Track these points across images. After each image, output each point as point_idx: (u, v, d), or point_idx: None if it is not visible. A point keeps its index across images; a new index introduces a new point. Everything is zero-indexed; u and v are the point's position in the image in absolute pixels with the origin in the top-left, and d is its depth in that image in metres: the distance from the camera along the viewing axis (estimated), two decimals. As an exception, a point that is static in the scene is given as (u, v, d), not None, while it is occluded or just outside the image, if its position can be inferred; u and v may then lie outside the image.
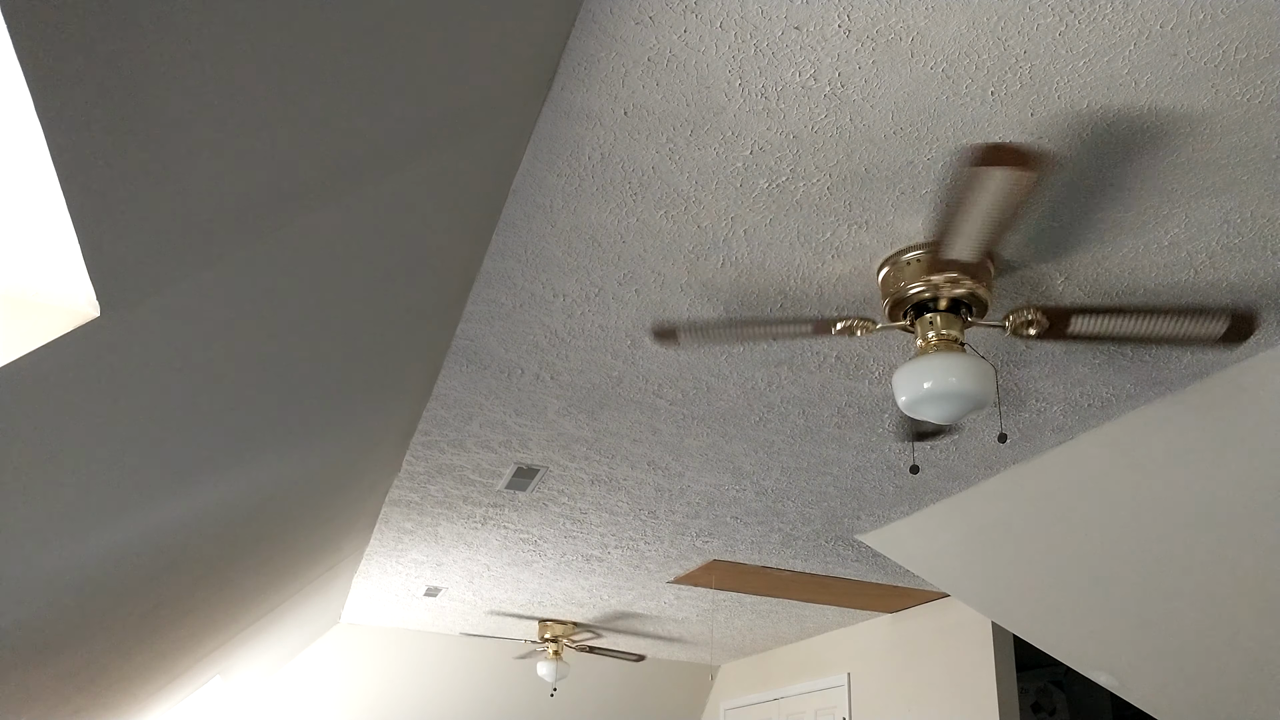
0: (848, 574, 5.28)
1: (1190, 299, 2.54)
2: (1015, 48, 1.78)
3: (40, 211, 1.10)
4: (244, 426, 2.19)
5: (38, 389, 1.31)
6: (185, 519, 2.44)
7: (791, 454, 3.65)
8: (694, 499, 4.21)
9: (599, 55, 1.83)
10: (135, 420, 1.69)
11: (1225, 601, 3.44)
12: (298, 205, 1.50)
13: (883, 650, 6.18)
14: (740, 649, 7.61)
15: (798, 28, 1.75)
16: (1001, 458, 3.61)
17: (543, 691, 8.07)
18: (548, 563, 5.42)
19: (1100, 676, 4.28)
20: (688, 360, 2.98)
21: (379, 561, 5.58)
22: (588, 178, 2.18)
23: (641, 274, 2.54)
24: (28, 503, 1.63)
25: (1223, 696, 3.82)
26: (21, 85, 0.91)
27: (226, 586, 3.49)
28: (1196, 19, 1.70)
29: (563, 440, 3.65)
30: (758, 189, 2.19)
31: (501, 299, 2.70)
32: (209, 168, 1.23)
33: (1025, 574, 4.05)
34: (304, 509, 3.41)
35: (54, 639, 2.47)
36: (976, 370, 2.31)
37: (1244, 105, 1.90)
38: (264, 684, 7.25)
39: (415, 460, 3.95)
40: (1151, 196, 2.17)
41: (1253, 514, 3.10)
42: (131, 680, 3.64)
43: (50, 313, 1.22)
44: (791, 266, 2.48)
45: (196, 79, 1.07)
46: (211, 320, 1.60)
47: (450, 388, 3.26)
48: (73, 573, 2.12)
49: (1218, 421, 2.97)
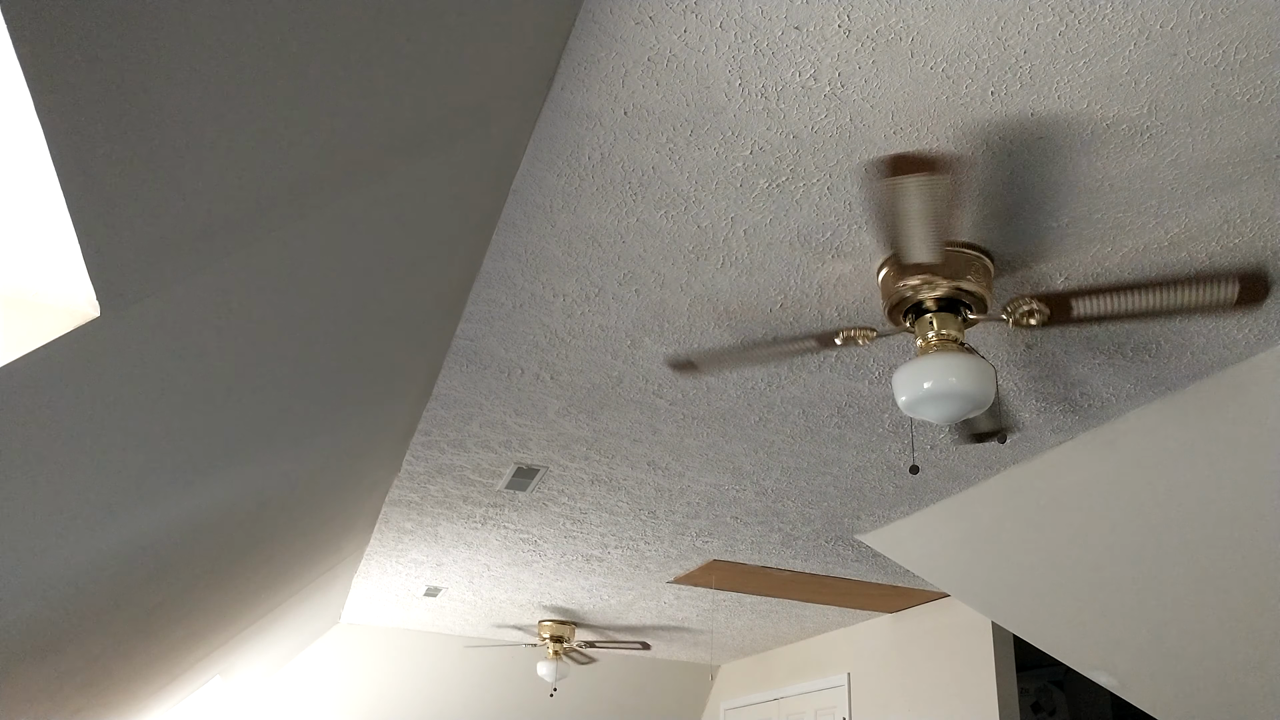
0: (848, 574, 5.28)
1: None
2: (1015, 48, 1.78)
3: (40, 211, 1.10)
4: (244, 426, 2.19)
5: (38, 389, 1.31)
6: (185, 519, 2.44)
7: (791, 454, 3.65)
8: (694, 499, 4.21)
9: (599, 55, 1.83)
10: (135, 420, 1.69)
11: (1225, 601, 3.44)
12: (297, 206, 1.50)
13: (883, 650, 6.18)
14: (740, 649, 7.61)
15: (798, 28, 1.75)
16: (1001, 458, 3.61)
17: (543, 691, 8.07)
18: (548, 563, 5.42)
19: (1100, 676, 4.28)
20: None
21: (379, 561, 5.58)
22: (588, 178, 2.18)
23: (641, 274, 2.54)
24: (28, 503, 1.63)
25: (1223, 696, 3.82)
26: (21, 85, 0.91)
27: (226, 586, 3.49)
28: (1196, 19, 1.70)
29: (563, 440, 3.65)
30: (758, 189, 2.19)
31: (501, 299, 2.70)
32: (209, 168, 1.23)
33: (1025, 574, 4.06)
34: (304, 509, 3.41)
35: (54, 639, 2.47)
36: (976, 370, 2.31)
37: (1244, 105, 1.90)
38: (264, 684, 7.25)
39: (415, 460, 3.95)
40: (1151, 197, 2.17)
41: (1253, 514, 3.10)
42: (131, 680, 3.64)
43: (50, 313, 1.22)
44: (791, 266, 2.48)
45: (196, 79, 1.07)
46: (211, 320, 1.60)
47: (450, 388, 3.26)
48: (73, 573, 2.12)
49: (1218, 421, 2.97)
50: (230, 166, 1.26)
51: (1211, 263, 2.38)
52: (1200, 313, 2.29)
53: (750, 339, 2.80)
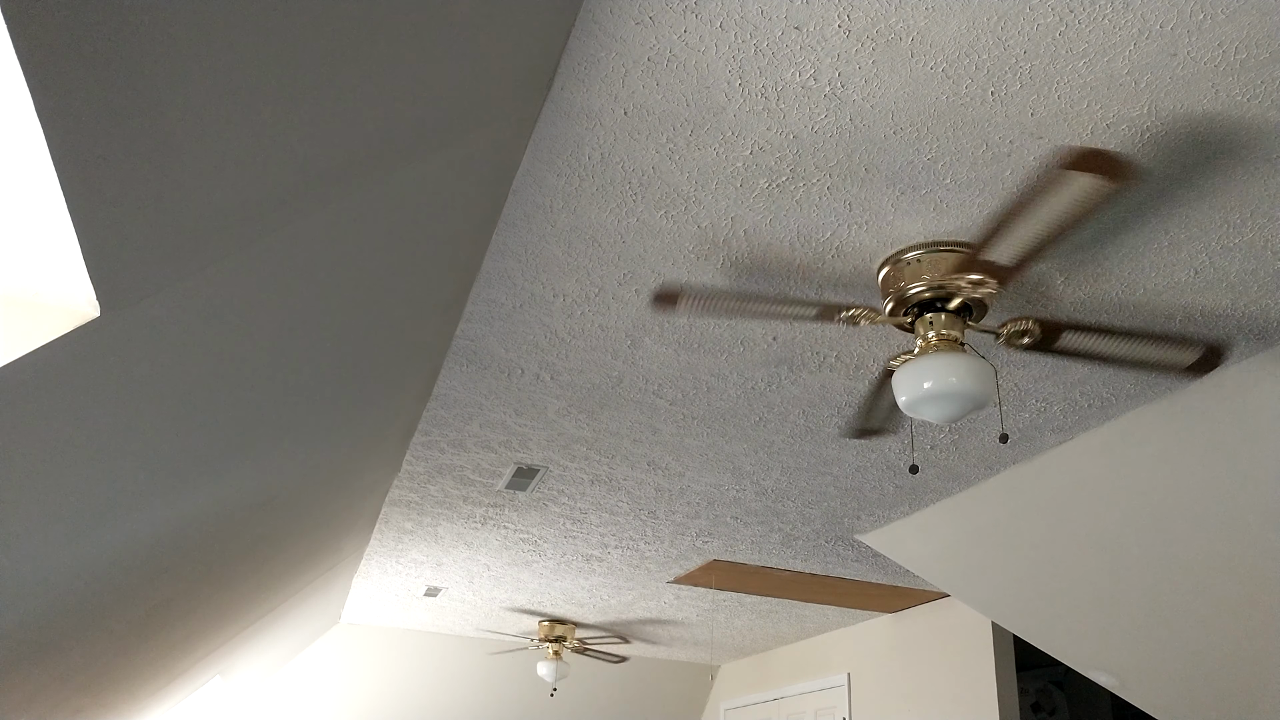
0: (848, 574, 5.28)
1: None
2: (1015, 48, 1.78)
3: (40, 211, 1.10)
4: (244, 426, 2.19)
5: (38, 389, 1.31)
6: (185, 519, 2.44)
7: (791, 454, 3.65)
8: (694, 499, 4.21)
9: (599, 55, 1.83)
10: (135, 420, 1.69)
11: (1225, 601, 3.44)
12: (297, 205, 1.50)
13: (883, 650, 6.18)
14: (740, 649, 7.61)
15: (798, 28, 1.75)
16: (1001, 458, 3.61)
17: (543, 691, 8.07)
18: (548, 563, 5.42)
19: (1100, 676, 4.28)
20: (688, 360, 2.98)
21: (379, 561, 5.58)
22: (588, 178, 2.18)
23: (641, 274, 2.54)
24: (28, 503, 1.63)
25: (1223, 696, 3.82)
26: (21, 85, 0.91)
27: (226, 586, 3.49)
28: (1196, 19, 1.70)
29: (563, 440, 3.65)
30: (758, 189, 2.19)
31: (501, 299, 2.70)
32: (209, 168, 1.23)
33: (1025, 574, 4.06)
34: (304, 509, 3.41)
35: (54, 639, 2.47)
36: (977, 370, 2.31)
37: (1244, 105, 1.90)
38: (264, 684, 7.25)
39: (415, 460, 3.95)
40: (1150, 197, 2.17)
41: (1253, 514, 3.10)
42: (131, 680, 3.64)
43: (50, 313, 1.22)
44: (791, 267, 2.48)
45: (196, 80, 1.07)
46: (211, 320, 1.60)
47: (450, 388, 3.26)
48: (73, 573, 2.12)
49: (1218, 421, 2.97)
50: (230, 166, 1.26)
51: (1211, 262, 2.39)
52: (1156, 369, 2.46)
53: (748, 290, 2.63)
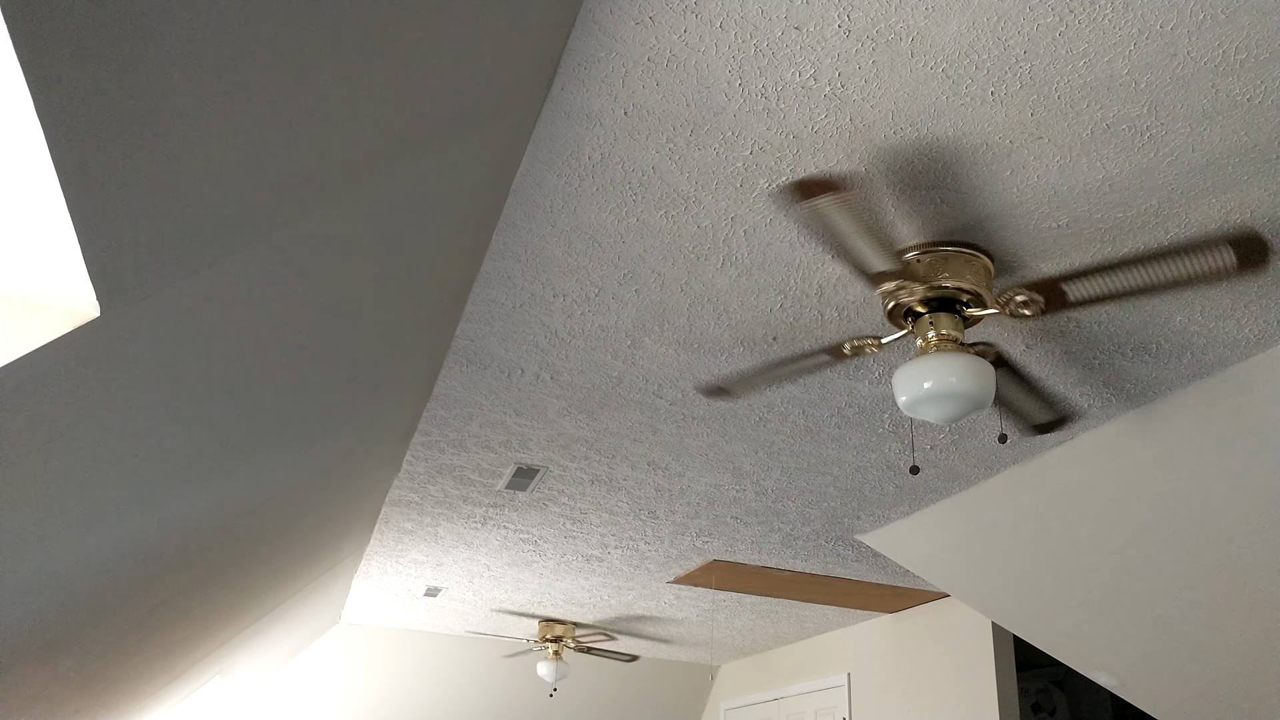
0: (848, 574, 5.28)
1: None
2: (1015, 48, 1.78)
3: (40, 211, 1.10)
4: (244, 426, 2.19)
5: (38, 389, 1.31)
6: (185, 519, 2.44)
7: (791, 454, 3.65)
8: (694, 499, 4.21)
9: (599, 55, 1.83)
10: (135, 420, 1.69)
11: (1225, 601, 3.44)
12: (297, 206, 1.50)
13: (883, 650, 6.18)
14: (740, 649, 7.61)
15: (798, 28, 1.75)
16: (1001, 458, 3.61)
17: (543, 691, 8.07)
18: (548, 563, 5.42)
19: (1100, 676, 4.28)
20: (687, 360, 2.98)
21: (379, 561, 5.58)
22: (588, 178, 2.18)
23: (641, 274, 2.54)
24: (28, 503, 1.63)
25: (1223, 696, 3.82)
26: (21, 85, 0.91)
27: (226, 586, 3.49)
28: (1196, 19, 1.70)
29: (563, 440, 3.65)
30: (758, 189, 2.19)
31: (501, 299, 2.70)
32: (209, 168, 1.23)
33: (1025, 574, 4.06)
34: (304, 509, 3.41)
35: (54, 639, 2.47)
36: (976, 370, 2.31)
37: (1244, 105, 1.90)
38: (264, 684, 7.25)
39: (415, 460, 3.95)
40: (1151, 197, 2.17)
41: (1253, 514, 3.10)
42: (131, 680, 3.64)
43: (50, 313, 1.22)
44: (791, 266, 2.48)
45: (196, 79, 1.07)
46: (211, 320, 1.60)
47: (450, 388, 3.26)
48: (73, 573, 2.12)
49: (1218, 421, 2.97)
50: (230, 167, 1.26)
51: (1211, 263, 2.38)
52: (1203, 282, 2.20)
53: (769, 359, 2.83)
